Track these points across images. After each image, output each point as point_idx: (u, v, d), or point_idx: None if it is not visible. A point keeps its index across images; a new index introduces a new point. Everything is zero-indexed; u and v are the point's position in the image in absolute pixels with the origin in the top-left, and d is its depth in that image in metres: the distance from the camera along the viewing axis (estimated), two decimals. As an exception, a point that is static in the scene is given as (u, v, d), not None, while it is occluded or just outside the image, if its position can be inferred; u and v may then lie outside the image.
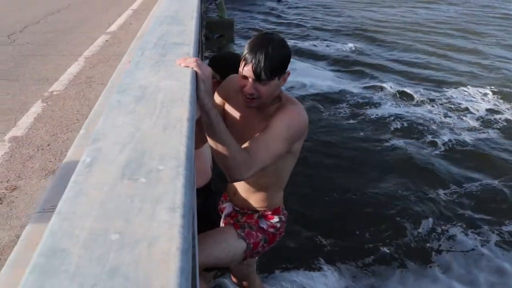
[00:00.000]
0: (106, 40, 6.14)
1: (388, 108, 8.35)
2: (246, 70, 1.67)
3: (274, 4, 20.70)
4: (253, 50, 1.65)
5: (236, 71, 1.77)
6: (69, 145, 3.19)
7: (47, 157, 3.03)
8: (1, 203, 2.54)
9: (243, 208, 2.13)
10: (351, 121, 7.66)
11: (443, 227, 4.78)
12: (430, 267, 4.24)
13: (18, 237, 2.28)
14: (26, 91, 4.27)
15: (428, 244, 4.53)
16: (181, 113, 1.06)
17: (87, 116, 3.65)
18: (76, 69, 4.89)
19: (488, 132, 7.55)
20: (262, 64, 1.63)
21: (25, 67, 4.98)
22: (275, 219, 2.09)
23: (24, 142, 3.26)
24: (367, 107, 8.32)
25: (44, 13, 7.92)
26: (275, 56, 1.66)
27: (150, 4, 9.13)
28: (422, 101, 8.86)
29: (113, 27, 6.98)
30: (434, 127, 7.62)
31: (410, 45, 13.33)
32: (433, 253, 4.42)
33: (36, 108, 3.86)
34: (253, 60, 1.64)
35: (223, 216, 2.26)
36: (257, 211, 2.09)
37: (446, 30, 15.79)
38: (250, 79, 1.68)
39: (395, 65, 11.29)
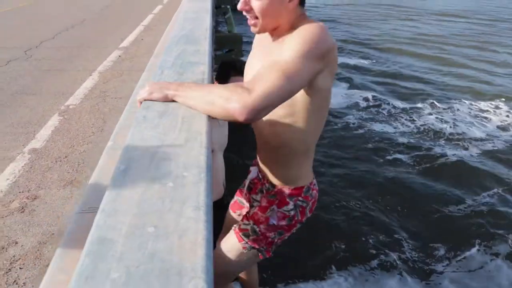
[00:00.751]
0: (119, 56, 6.34)
1: (396, 123, 8.46)
2: None
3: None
4: None
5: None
6: (85, 156, 3.35)
7: (65, 168, 3.18)
8: (23, 212, 2.68)
9: (263, 178, 1.86)
10: (358, 133, 7.77)
11: (452, 244, 4.85)
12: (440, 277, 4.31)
13: (40, 243, 2.42)
14: (43, 105, 4.44)
15: (440, 257, 4.60)
16: (200, 127, 1.19)
17: (102, 129, 3.83)
18: (90, 84, 5.07)
19: (497, 146, 7.63)
20: None
21: (42, 82, 5.17)
22: (289, 205, 1.75)
23: (43, 153, 3.41)
24: (373, 122, 8.43)
25: (59, 29, 8.17)
26: None
27: (160, 20, 9.38)
28: (430, 115, 8.97)
29: (125, 43, 7.18)
30: (442, 142, 7.72)
31: (416, 59, 13.47)
32: (445, 268, 4.50)
33: (54, 121, 4.02)
34: None
35: (247, 180, 2.01)
36: (274, 186, 1.79)
37: (454, 43, 15.93)
38: None
39: (401, 79, 11.41)
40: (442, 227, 5.08)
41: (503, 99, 9.85)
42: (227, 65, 2.54)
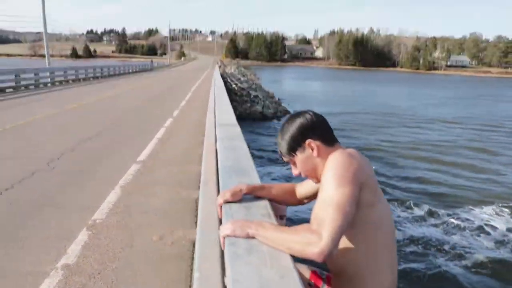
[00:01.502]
0: (138, 169, 6.62)
1: (404, 228, 8.57)
2: None
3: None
4: None
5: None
6: (118, 273, 3.44)
7: (100, 285, 3.26)
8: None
9: None
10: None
11: None
12: None
13: None
14: (70, 219, 4.59)
15: None
16: (287, 263, 1.38)
17: (131, 245, 3.95)
18: (114, 198, 5.27)
19: (504, 253, 7.72)
20: (279, 148, 1.93)
21: (67, 195, 5.38)
22: None
23: (76, 270, 3.50)
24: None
25: (77, 141, 8.57)
26: (283, 138, 1.89)
27: (172, 133, 9.85)
28: (437, 220, 9.13)
29: (142, 156, 7.51)
30: (446, 247, 7.82)
31: (422, 165, 13.97)
32: None
33: (83, 236, 4.15)
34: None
35: None
36: None
37: (459, 150, 16.62)
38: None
39: (408, 184, 11.73)
40: None
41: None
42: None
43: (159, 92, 22.76)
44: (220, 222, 2.00)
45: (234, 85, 30.04)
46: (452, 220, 9.45)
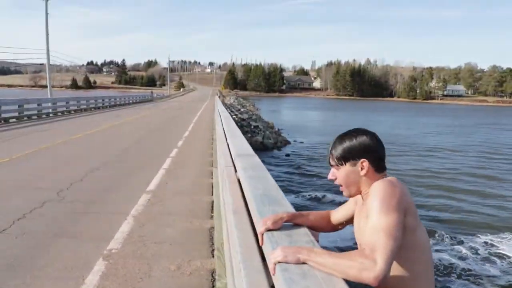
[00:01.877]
0: (148, 199, 6.62)
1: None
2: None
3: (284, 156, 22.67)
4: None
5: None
6: (139, 303, 3.41)
7: (122, 315, 3.23)
8: None
9: None
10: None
11: None
12: None
13: None
14: (85, 248, 4.58)
15: None
16: (342, 285, 1.39)
17: (149, 275, 3.92)
18: (127, 228, 5.26)
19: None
20: (330, 151, 1.98)
21: (80, 225, 5.37)
22: None
23: (96, 300, 3.47)
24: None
25: (85, 171, 8.59)
26: (342, 144, 1.94)
27: (178, 163, 9.88)
28: (445, 247, 9.08)
29: (151, 186, 7.52)
30: (454, 275, 7.76)
31: (426, 191, 14.00)
32: None
33: (100, 266, 4.13)
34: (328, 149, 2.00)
35: None
36: None
37: (461, 176, 16.70)
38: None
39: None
40: None
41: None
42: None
43: (161, 122, 22.91)
44: (260, 250, 2.01)
45: (234, 116, 30.24)
46: (459, 246, 9.42)
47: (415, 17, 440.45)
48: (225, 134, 6.92)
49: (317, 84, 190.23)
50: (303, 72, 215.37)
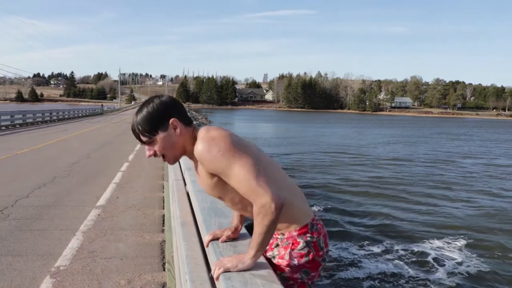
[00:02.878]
0: (98, 214, 6.52)
1: (362, 265, 8.75)
2: None
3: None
4: None
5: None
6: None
7: (70, 333, 3.19)
8: None
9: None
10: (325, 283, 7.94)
11: None
12: None
13: None
14: (32, 267, 4.46)
15: None
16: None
17: (99, 291, 3.88)
18: (76, 244, 5.17)
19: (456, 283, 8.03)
20: (135, 129, 1.90)
21: (26, 242, 5.22)
22: (301, 243, 1.97)
23: (43, 318, 3.41)
24: (341, 268, 8.69)
25: (31, 187, 8.34)
26: (143, 116, 1.87)
27: (129, 178, 9.76)
28: (391, 256, 9.39)
29: (101, 201, 7.40)
30: (402, 281, 8.05)
31: (375, 201, 14.39)
32: None
33: (47, 284, 4.04)
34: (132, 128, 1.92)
35: None
36: (284, 234, 2.00)
37: (410, 186, 17.27)
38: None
39: (361, 220, 11.99)
40: None
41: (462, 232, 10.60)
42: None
43: (111, 136, 22.46)
44: (207, 260, 2.08)
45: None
46: (407, 254, 9.76)
47: (364, 31, 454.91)
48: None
49: (269, 96, 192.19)
50: (255, 85, 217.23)
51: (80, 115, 45.66)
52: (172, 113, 1.89)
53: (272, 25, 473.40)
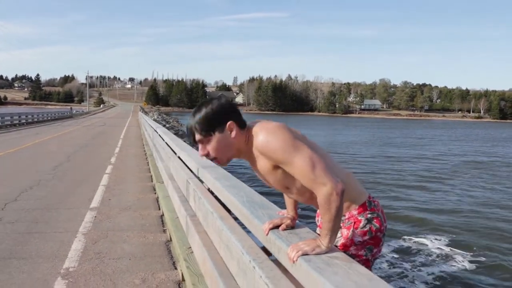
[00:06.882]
0: (95, 216, 6.44)
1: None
2: None
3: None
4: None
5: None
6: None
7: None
8: None
9: None
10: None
11: None
12: None
13: None
14: (40, 269, 4.38)
15: None
16: (363, 269, 1.56)
17: (116, 290, 3.86)
18: (80, 246, 5.10)
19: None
20: (191, 128, 1.98)
21: (27, 245, 5.11)
22: (363, 221, 2.06)
23: (65, 318, 3.37)
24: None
25: (18, 190, 8.15)
26: (202, 115, 1.95)
27: (116, 180, 9.66)
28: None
29: (94, 203, 7.30)
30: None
31: None
32: None
33: (60, 285, 3.98)
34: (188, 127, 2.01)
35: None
36: (344, 215, 2.08)
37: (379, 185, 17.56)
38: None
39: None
40: None
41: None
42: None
43: (87, 139, 22.05)
44: (264, 249, 2.13)
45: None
46: (390, 251, 9.98)
47: (333, 34, 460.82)
48: (171, 148, 6.91)
49: (239, 99, 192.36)
50: (225, 88, 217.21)
51: (49, 118, 44.67)
52: (229, 116, 1.97)
53: (243, 28, 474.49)
